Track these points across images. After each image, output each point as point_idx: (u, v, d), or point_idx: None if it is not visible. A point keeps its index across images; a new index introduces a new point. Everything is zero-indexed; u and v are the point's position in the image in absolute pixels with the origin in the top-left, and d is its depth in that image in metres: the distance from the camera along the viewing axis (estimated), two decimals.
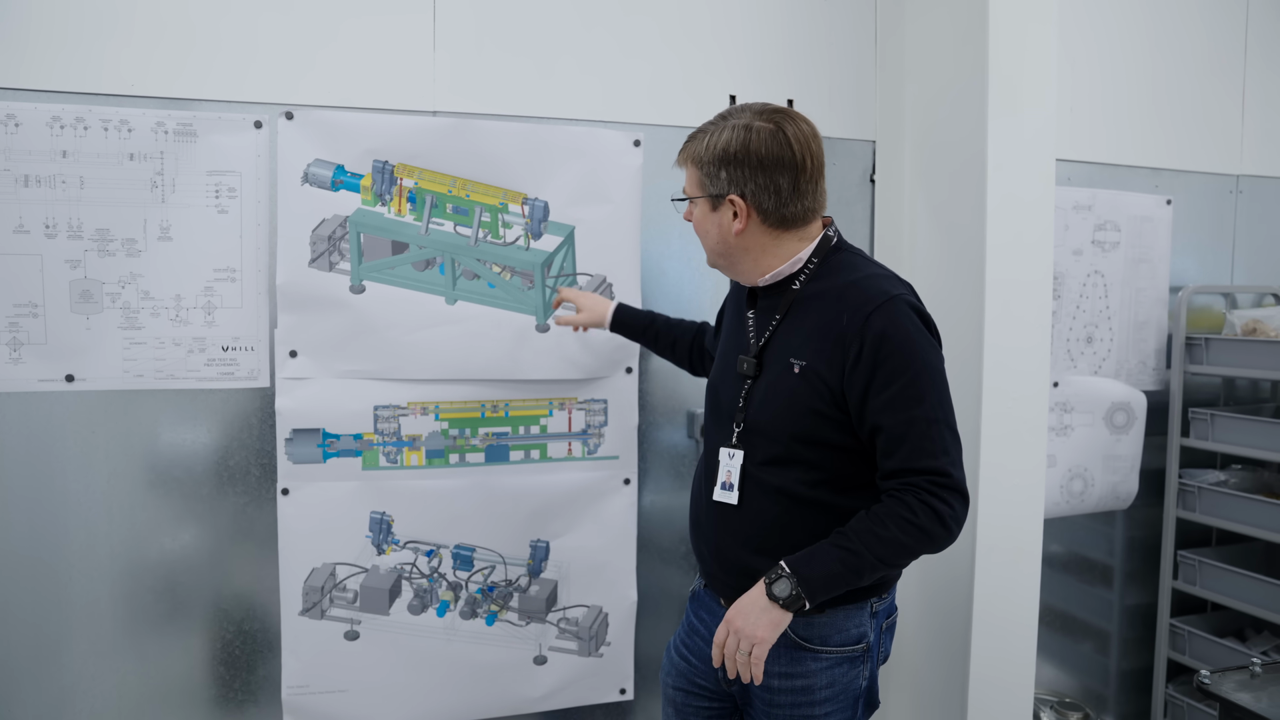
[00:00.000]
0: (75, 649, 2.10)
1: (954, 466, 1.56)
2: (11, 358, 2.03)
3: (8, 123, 1.98)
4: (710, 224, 1.67)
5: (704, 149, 1.63)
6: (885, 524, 1.52)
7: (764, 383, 1.67)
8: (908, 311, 1.57)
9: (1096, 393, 2.79)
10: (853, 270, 1.64)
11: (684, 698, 1.83)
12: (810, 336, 1.61)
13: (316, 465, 2.18)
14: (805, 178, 1.61)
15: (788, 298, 1.66)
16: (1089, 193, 2.73)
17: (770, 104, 1.65)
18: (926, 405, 1.54)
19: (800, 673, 1.67)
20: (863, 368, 1.54)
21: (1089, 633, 3.01)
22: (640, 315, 2.16)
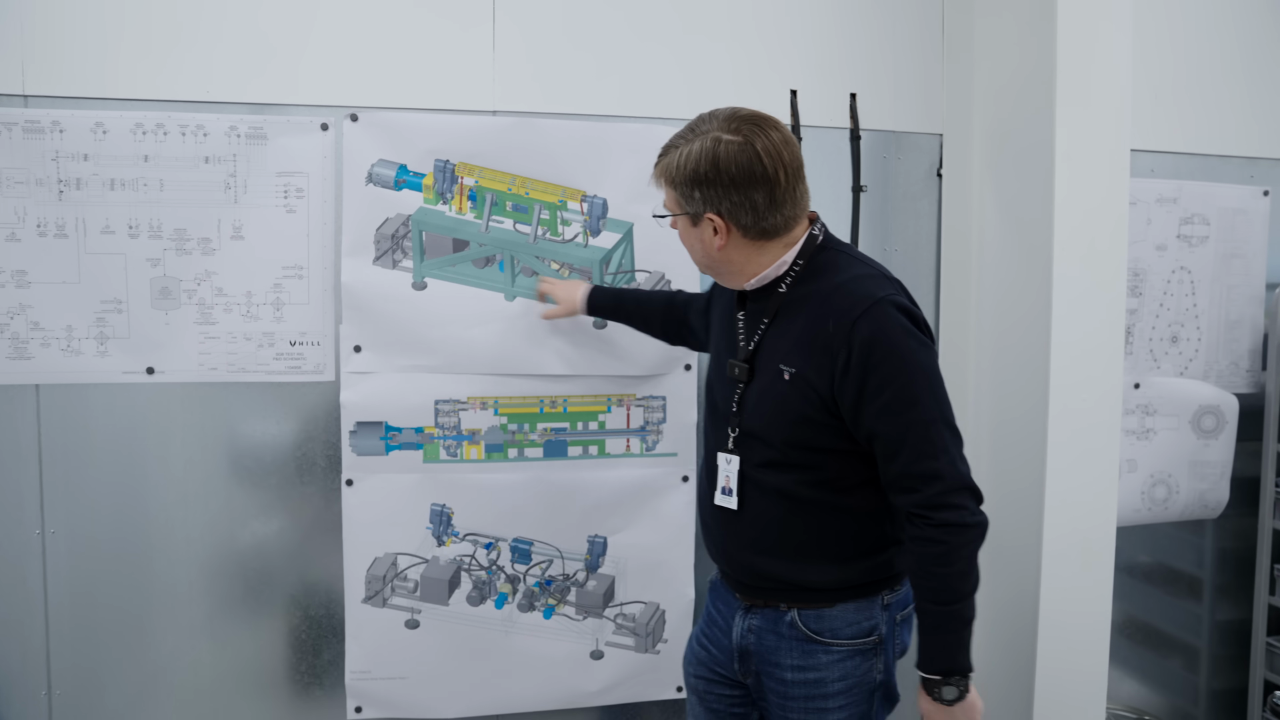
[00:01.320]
0: (157, 630, 2.21)
1: (955, 464, 1.55)
2: (99, 351, 2.15)
3: (97, 130, 2.10)
4: (693, 239, 1.66)
5: (675, 168, 1.59)
6: (931, 574, 1.55)
7: (756, 388, 1.66)
8: (895, 313, 1.55)
9: (1182, 395, 2.66)
10: (838, 271, 1.62)
11: (705, 685, 1.84)
12: (799, 343, 1.60)
13: (379, 457, 2.24)
14: (780, 190, 1.57)
15: (774, 301, 1.65)
16: (1174, 184, 2.60)
17: (740, 110, 1.60)
18: (921, 406, 1.53)
19: (813, 665, 1.67)
20: (853, 375, 1.53)
21: (1177, 648, 2.86)
22: (609, 294, 2.17)
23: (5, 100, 2.06)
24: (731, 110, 1.60)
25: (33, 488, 2.14)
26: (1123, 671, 2.78)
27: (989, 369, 2.37)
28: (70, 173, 2.09)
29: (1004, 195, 2.31)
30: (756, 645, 1.71)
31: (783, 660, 1.68)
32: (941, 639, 1.57)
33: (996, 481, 2.32)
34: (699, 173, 1.56)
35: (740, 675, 1.76)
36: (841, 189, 2.44)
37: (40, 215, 2.09)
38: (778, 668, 1.68)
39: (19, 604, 2.15)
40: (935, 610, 1.56)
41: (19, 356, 2.11)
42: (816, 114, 2.40)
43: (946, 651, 1.56)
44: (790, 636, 1.67)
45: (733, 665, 1.76)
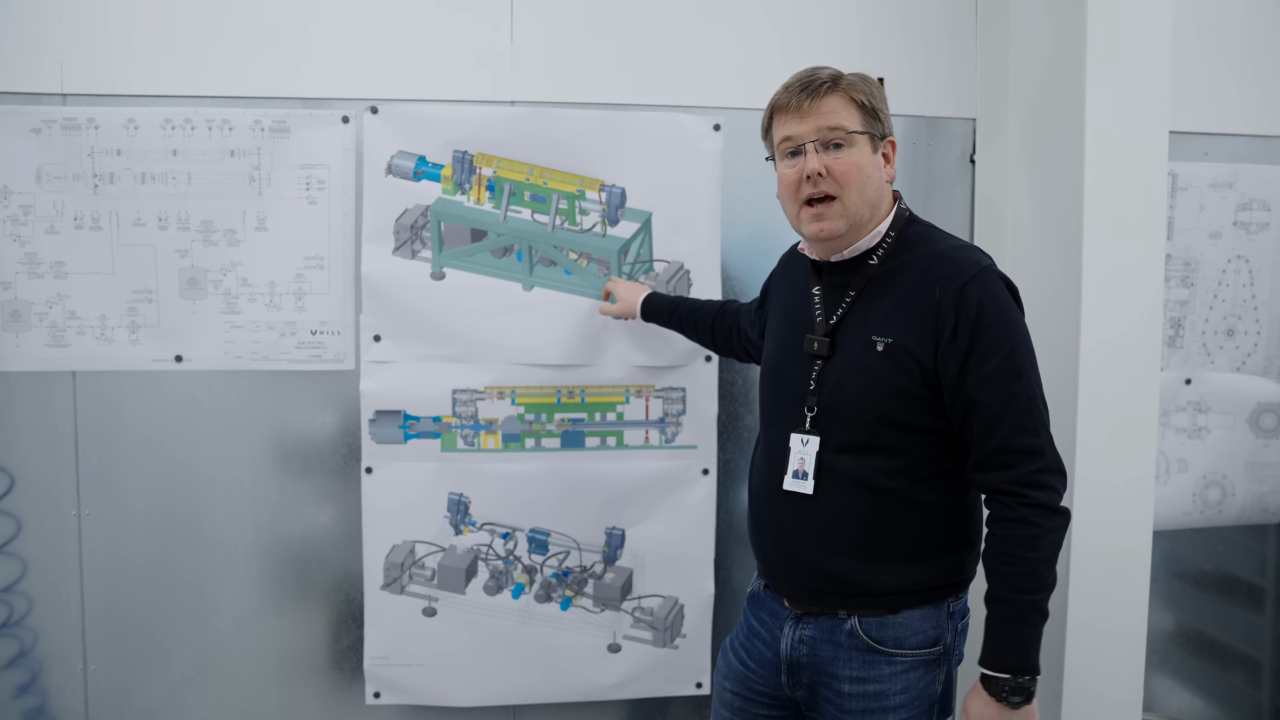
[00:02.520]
0: (184, 609, 2.28)
1: (1050, 443, 1.51)
2: (130, 339, 2.22)
3: (129, 126, 2.17)
4: (872, 167, 1.57)
5: (864, 85, 1.57)
6: (1017, 558, 1.46)
7: (839, 363, 1.57)
8: (1000, 283, 1.52)
9: (1239, 392, 2.51)
10: (935, 241, 1.59)
11: (741, 702, 1.73)
12: (895, 311, 1.53)
13: (398, 446, 2.26)
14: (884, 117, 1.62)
15: (864, 274, 1.59)
16: (1231, 168, 2.46)
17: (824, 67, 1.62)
18: (1025, 379, 1.48)
19: (873, 677, 1.57)
20: (960, 342, 1.47)
21: (1237, 661, 2.70)
22: (664, 301, 2.14)
23: (45, 99, 2.15)
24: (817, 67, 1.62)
25: (69, 470, 2.22)
26: (1175, 681, 2.64)
27: None
28: (104, 168, 2.17)
29: (1040, 182, 2.22)
30: (810, 656, 1.62)
31: (840, 671, 1.59)
32: (1017, 632, 1.46)
33: None
34: (878, 96, 1.57)
35: (789, 689, 1.66)
36: None
37: (77, 209, 2.17)
38: (834, 679, 1.59)
39: (57, 582, 2.24)
40: (1014, 600, 1.46)
41: (57, 344, 2.20)
42: None
43: (1020, 647, 1.46)
44: (849, 646, 1.58)
45: (778, 679, 1.66)
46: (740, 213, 2.34)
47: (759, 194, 2.34)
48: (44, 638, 2.26)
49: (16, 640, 2.26)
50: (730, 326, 2.06)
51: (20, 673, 2.27)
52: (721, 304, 2.13)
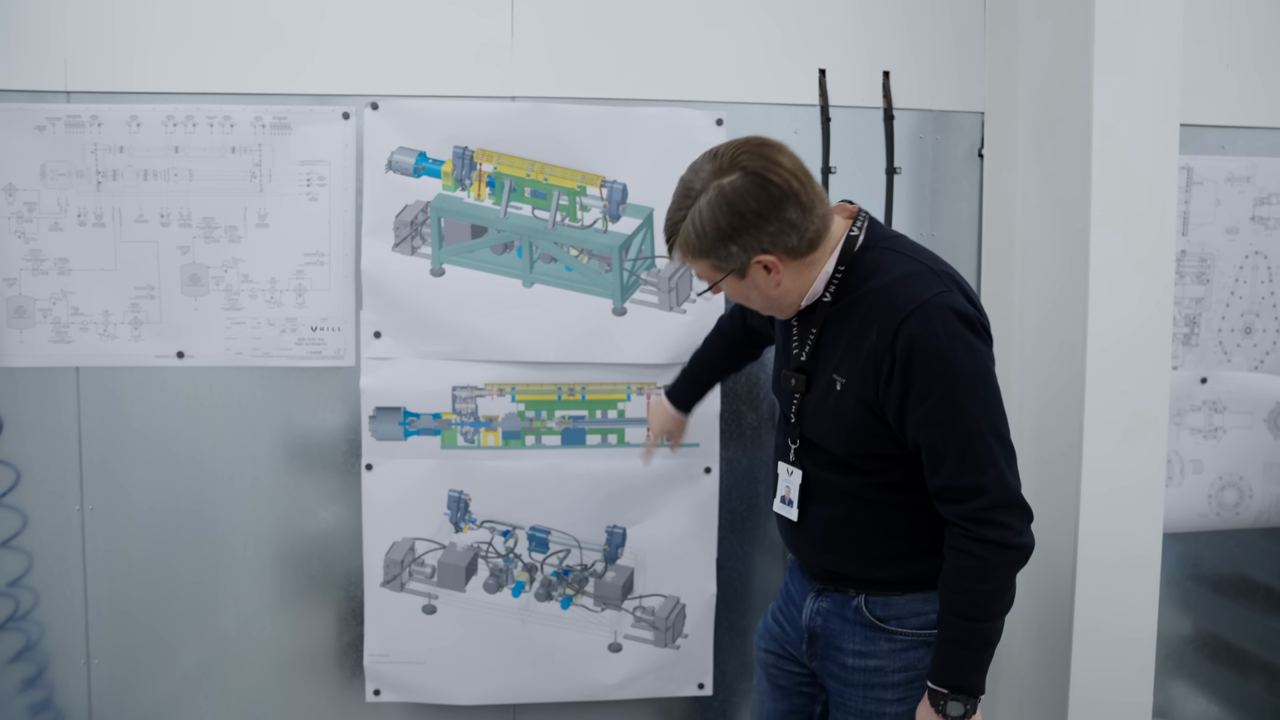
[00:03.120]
0: (185, 604, 2.29)
1: (1003, 478, 1.48)
2: (133, 335, 2.23)
3: (131, 123, 2.18)
4: (747, 290, 1.57)
5: (695, 238, 1.48)
6: (961, 587, 1.51)
7: (814, 397, 1.62)
8: (940, 315, 1.46)
9: (1256, 391, 2.45)
10: (882, 273, 1.53)
11: (774, 660, 1.83)
12: (847, 352, 1.55)
13: (398, 443, 2.26)
14: (806, 193, 1.48)
15: (820, 312, 1.59)
16: (1249, 162, 2.39)
17: (716, 150, 1.52)
18: (967, 417, 1.46)
19: (874, 653, 1.64)
20: (896, 384, 1.48)
21: (1257, 667, 2.63)
22: (681, 381, 2.11)
23: (50, 96, 2.16)
24: (707, 154, 1.52)
25: (73, 466, 2.24)
26: (1192, 687, 2.59)
27: (1032, 363, 2.23)
28: (107, 164, 2.18)
29: (1050, 176, 2.17)
30: (823, 628, 1.70)
31: (845, 645, 1.66)
32: (958, 654, 1.53)
33: (1038, 480, 2.19)
34: (722, 228, 1.46)
35: (808, 658, 1.74)
36: (874, 172, 2.33)
37: (80, 205, 2.18)
38: (840, 652, 1.67)
39: (61, 577, 2.26)
40: (958, 624, 1.52)
41: (60, 340, 2.21)
42: (847, 94, 2.31)
43: (961, 668, 1.52)
44: (854, 621, 1.65)
45: (801, 646, 1.75)
46: None
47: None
48: (49, 632, 2.27)
49: (23, 634, 2.28)
50: (742, 335, 2.00)
51: (27, 666, 2.29)
52: (720, 330, 2.07)
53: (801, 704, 1.80)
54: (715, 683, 2.38)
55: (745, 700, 2.44)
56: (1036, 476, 2.18)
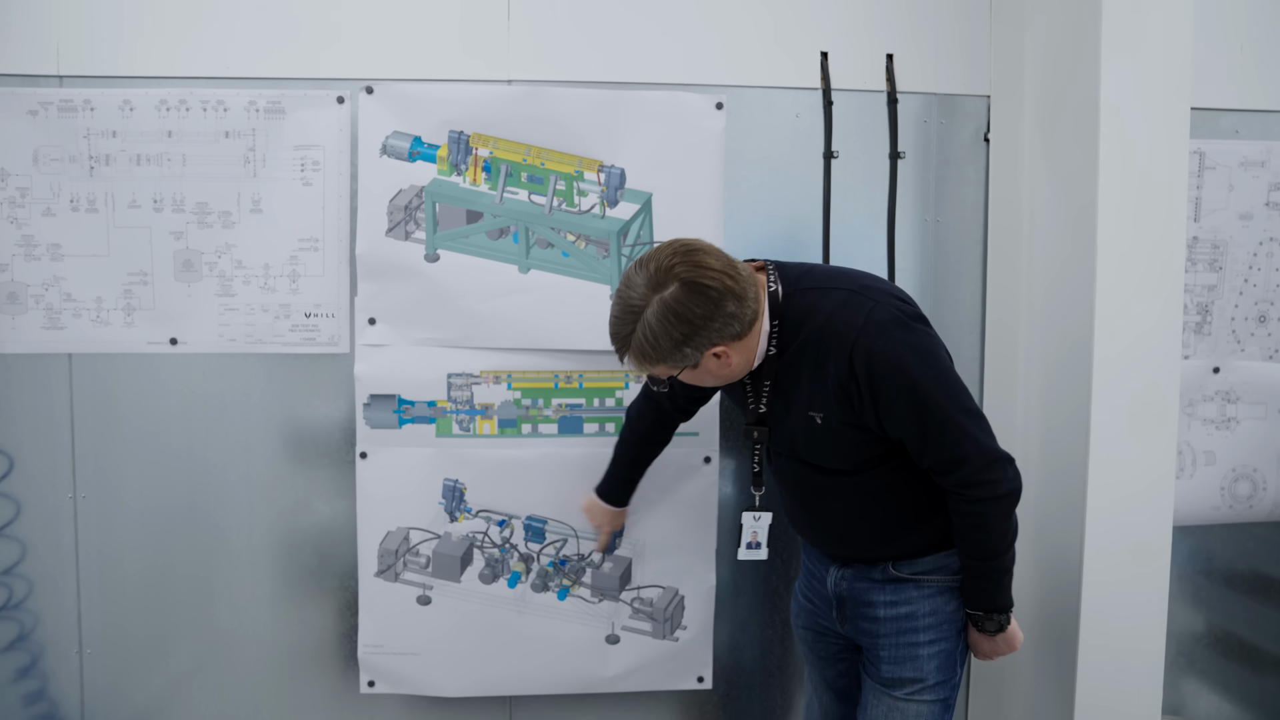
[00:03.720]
0: (178, 593, 2.27)
1: (978, 444, 1.62)
2: (126, 322, 2.21)
3: (124, 107, 2.16)
4: (704, 376, 1.67)
5: (651, 349, 1.58)
6: (970, 538, 1.68)
7: (788, 431, 1.73)
8: (877, 332, 1.59)
9: (1271, 381, 2.39)
10: (813, 316, 1.64)
11: (813, 637, 1.95)
12: (814, 392, 1.66)
13: (393, 431, 2.23)
14: (737, 284, 1.58)
15: (769, 365, 1.69)
16: (1263, 146, 2.34)
17: (642, 262, 1.60)
18: (933, 407, 1.60)
19: (904, 600, 1.75)
20: (867, 401, 1.61)
21: (1271, 665, 2.57)
22: (612, 479, 2.14)
23: (42, 81, 2.14)
24: (634, 268, 1.60)
25: (65, 454, 2.22)
26: (1204, 684, 2.53)
27: (1039, 351, 2.18)
28: (100, 149, 2.16)
29: (1057, 161, 2.12)
30: (849, 590, 1.81)
31: (875, 598, 1.77)
32: (982, 585, 1.72)
33: (1043, 470, 2.14)
34: (674, 336, 1.56)
35: (839, 623, 1.85)
36: (878, 157, 2.29)
37: (73, 191, 2.16)
38: (870, 607, 1.78)
39: (53, 565, 2.24)
40: (975, 565, 1.71)
41: (53, 326, 2.19)
42: (849, 77, 2.26)
43: (988, 595, 1.72)
44: (882, 580, 1.77)
45: (832, 614, 1.86)
46: (743, 193, 2.27)
47: (763, 174, 2.27)
48: (43, 621, 2.26)
49: (16, 623, 2.26)
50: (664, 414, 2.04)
51: (21, 655, 2.27)
52: (635, 415, 2.09)
53: (846, 668, 1.93)
54: (715, 676, 2.34)
55: (745, 695, 2.40)
56: (1043, 466, 2.14)
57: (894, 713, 1.75)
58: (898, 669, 1.75)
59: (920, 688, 1.74)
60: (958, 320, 2.34)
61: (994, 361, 2.32)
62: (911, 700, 1.74)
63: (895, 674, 1.75)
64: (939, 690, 1.74)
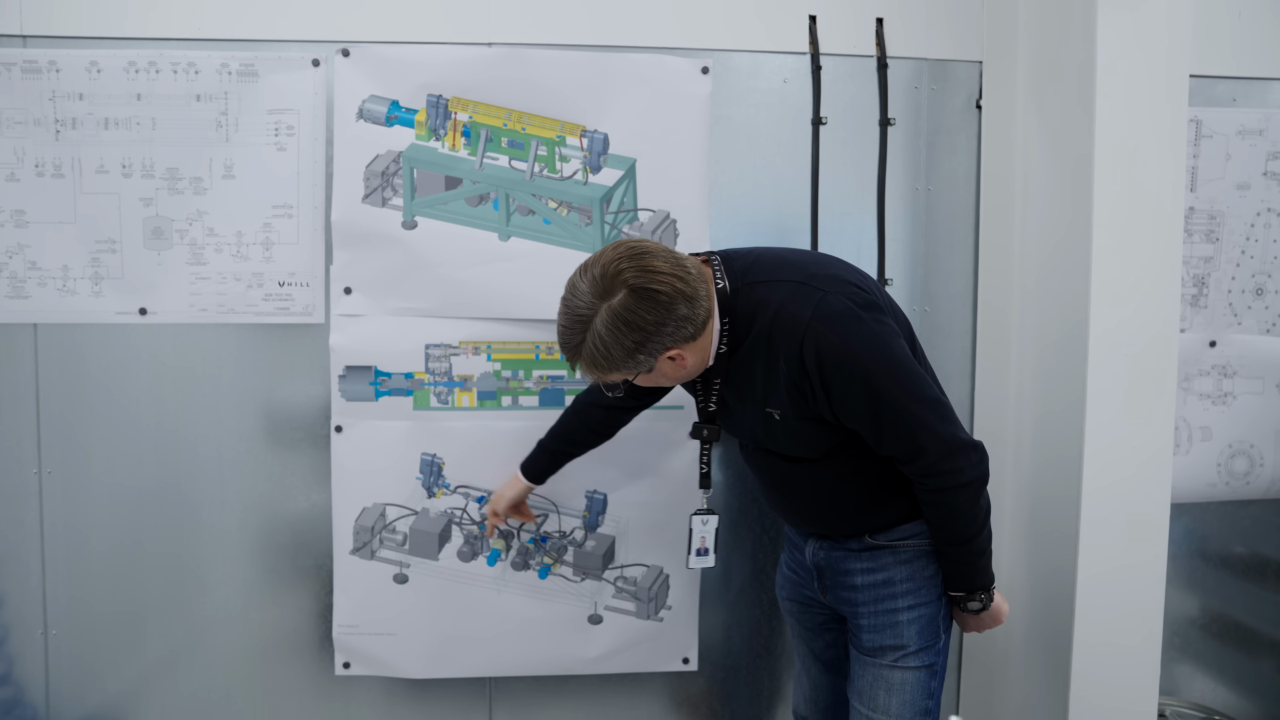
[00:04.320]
0: (147, 571, 2.20)
1: (936, 434, 1.58)
2: (93, 291, 2.14)
3: (91, 69, 2.09)
4: (659, 378, 1.64)
5: (603, 359, 1.54)
6: (939, 525, 1.67)
7: (746, 425, 1.72)
8: (826, 324, 1.55)
9: (1268, 355, 2.34)
10: (762, 311, 1.60)
11: (798, 608, 1.93)
12: (768, 388, 1.63)
13: (369, 403, 2.17)
14: (688, 285, 1.53)
15: (720, 363, 1.65)
16: (1261, 114, 2.29)
17: (586, 267, 1.56)
18: (887, 398, 1.56)
19: (881, 566, 1.73)
20: (820, 395, 1.59)
21: (1266, 647, 2.52)
22: (535, 455, 2.04)
23: (5, 41, 2.08)
24: (578, 274, 1.57)
25: (30, 428, 2.15)
26: (1194, 668, 2.48)
27: (1033, 321, 2.12)
28: (66, 112, 2.09)
29: (1052, 128, 2.06)
30: (827, 559, 1.79)
31: (852, 566, 1.75)
32: (959, 569, 1.71)
33: (1037, 443, 2.09)
34: (626, 345, 1.52)
35: (821, 593, 1.83)
36: (868, 123, 2.24)
37: (38, 155, 2.10)
38: (848, 574, 1.76)
39: (17, 543, 2.17)
40: (949, 549, 1.69)
41: (17, 295, 2.12)
42: (838, 41, 2.21)
43: (966, 577, 1.71)
44: (858, 549, 1.75)
45: (814, 584, 1.84)
46: (729, 159, 2.21)
47: (749, 140, 2.22)
48: (6, 602, 2.18)
49: None
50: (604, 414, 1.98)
51: None
52: (579, 407, 2.02)
53: (834, 638, 1.91)
54: (700, 657, 2.28)
55: (732, 676, 2.34)
56: (1037, 441, 2.09)
57: (879, 682, 1.72)
58: (878, 636, 1.72)
59: (903, 654, 1.71)
60: (949, 291, 2.29)
61: (986, 331, 2.26)
62: (896, 668, 1.71)
63: (876, 642, 1.73)
64: (923, 656, 1.71)
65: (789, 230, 2.24)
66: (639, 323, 1.50)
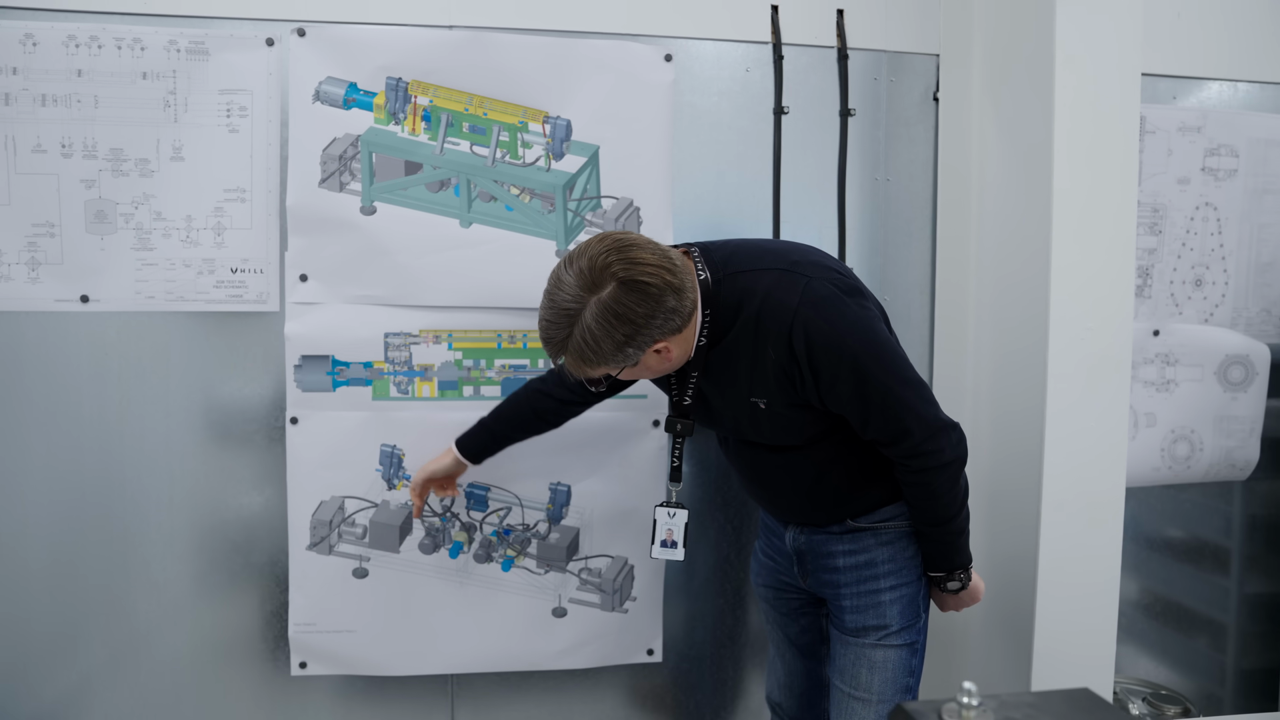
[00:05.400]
0: (87, 572, 2.09)
1: (920, 416, 1.60)
2: (30, 277, 2.03)
3: (26, 42, 1.99)
4: (642, 371, 1.64)
5: (592, 353, 1.52)
6: (919, 506, 1.70)
7: (728, 417, 1.72)
8: (813, 310, 1.56)
9: (1206, 343, 2.43)
10: (748, 300, 1.60)
11: (774, 594, 1.95)
12: (754, 377, 1.63)
13: (326, 394, 2.10)
14: (674, 277, 1.52)
15: (698, 357, 1.64)
16: (1198, 113, 2.38)
17: (571, 259, 1.52)
18: (874, 381, 1.58)
19: (863, 549, 1.75)
20: (808, 380, 1.59)
21: (1201, 625, 2.62)
22: (474, 433, 1.99)
23: None
24: (561, 267, 1.53)
25: None
26: (1138, 648, 2.56)
27: (990, 308, 2.17)
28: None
29: (1007, 119, 2.11)
30: (808, 544, 1.80)
31: (834, 549, 1.77)
32: (939, 548, 1.74)
33: (995, 429, 2.13)
34: (616, 338, 1.51)
35: (801, 579, 1.85)
36: (828, 114, 2.26)
37: None
38: (830, 558, 1.77)
39: None
40: (929, 530, 1.72)
41: None
42: (800, 32, 2.23)
43: (946, 557, 1.74)
44: (840, 532, 1.77)
45: (793, 570, 1.85)
46: (691, 147, 2.21)
47: (711, 128, 2.22)
48: None
49: None
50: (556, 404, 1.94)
51: None
52: (529, 392, 1.97)
53: (809, 623, 1.92)
54: (666, 648, 2.27)
55: (696, 667, 2.33)
56: (994, 425, 2.13)
57: (862, 660, 1.73)
58: (861, 617, 1.74)
59: (885, 634, 1.73)
60: (907, 280, 2.33)
61: (944, 319, 2.31)
62: (879, 647, 1.73)
63: (859, 622, 1.74)
64: (904, 635, 1.73)
65: (750, 219, 2.24)
66: (629, 315, 1.48)
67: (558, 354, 1.55)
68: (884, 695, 1.71)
